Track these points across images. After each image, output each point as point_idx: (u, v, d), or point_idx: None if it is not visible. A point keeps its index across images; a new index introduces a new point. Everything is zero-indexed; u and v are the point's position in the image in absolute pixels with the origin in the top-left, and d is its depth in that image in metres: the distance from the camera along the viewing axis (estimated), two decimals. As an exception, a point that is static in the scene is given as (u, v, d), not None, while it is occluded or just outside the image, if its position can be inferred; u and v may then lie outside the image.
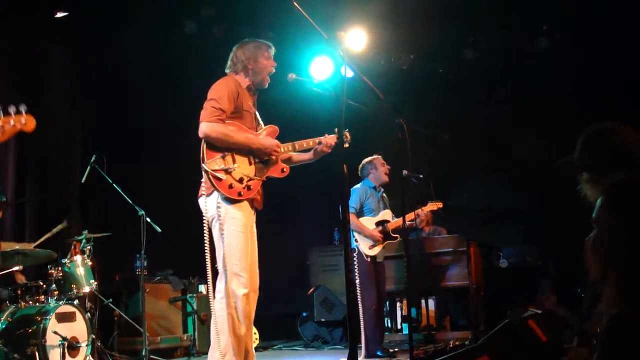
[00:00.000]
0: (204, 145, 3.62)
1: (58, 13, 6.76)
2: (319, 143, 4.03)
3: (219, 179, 3.60)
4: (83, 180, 5.85)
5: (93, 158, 5.78)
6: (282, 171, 3.94)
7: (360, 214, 5.91)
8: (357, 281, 5.66)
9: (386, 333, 7.43)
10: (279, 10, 6.93)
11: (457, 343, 5.82)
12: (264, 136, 3.91)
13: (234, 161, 3.68)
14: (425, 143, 5.28)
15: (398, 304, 7.67)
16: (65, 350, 4.73)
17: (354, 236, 5.83)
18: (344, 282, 3.09)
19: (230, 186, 3.63)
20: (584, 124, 2.67)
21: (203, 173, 3.63)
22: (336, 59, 3.31)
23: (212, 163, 3.61)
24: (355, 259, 5.75)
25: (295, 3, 3.13)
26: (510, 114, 8.00)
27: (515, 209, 8.16)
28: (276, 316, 8.42)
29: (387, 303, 7.66)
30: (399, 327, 7.67)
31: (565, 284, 6.98)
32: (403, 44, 8.13)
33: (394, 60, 8.21)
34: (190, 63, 7.48)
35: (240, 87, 3.89)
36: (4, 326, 4.69)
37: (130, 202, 5.74)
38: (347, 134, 3.85)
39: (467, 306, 6.82)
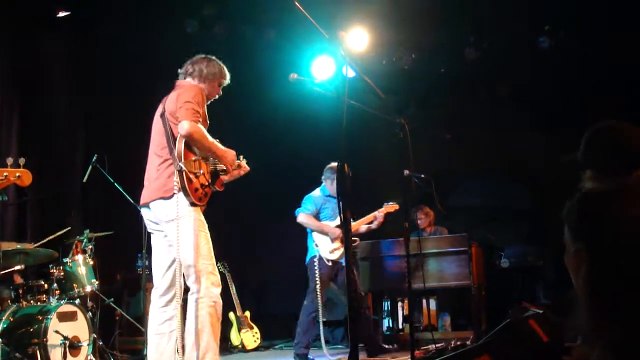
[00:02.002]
0: (181, 144, 3.63)
1: (60, 12, 6.77)
2: (238, 166, 4.07)
3: (191, 181, 3.62)
4: (84, 179, 5.85)
5: (94, 157, 5.79)
6: (222, 185, 3.94)
7: (316, 218, 5.95)
8: (318, 287, 5.68)
9: (387, 333, 7.42)
10: (280, 9, 6.94)
11: (458, 343, 5.81)
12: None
13: (200, 167, 3.71)
14: (427, 143, 5.28)
15: (399, 304, 7.66)
16: (67, 349, 4.74)
17: (313, 241, 5.86)
18: (345, 282, 3.09)
19: (196, 190, 3.66)
20: (586, 123, 2.66)
21: (176, 172, 3.61)
22: (338, 58, 3.30)
23: (187, 164, 3.63)
24: (316, 265, 5.76)
25: (296, 2, 3.13)
26: (512, 114, 7.99)
27: (517, 208, 8.14)
28: (277, 315, 8.43)
29: (389, 303, 7.66)
30: (400, 327, 7.66)
31: (565, 285, 6.96)
32: (404, 44, 8.11)
33: (395, 60, 8.19)
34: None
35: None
36: (5, 325, 4.70)
37: (132, 201, 5.74)
38: (243, 162, 4.11)
39: (468, 306, 6.81)
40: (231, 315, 7.14)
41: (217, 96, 4.05)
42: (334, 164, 5.98)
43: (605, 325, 2.24)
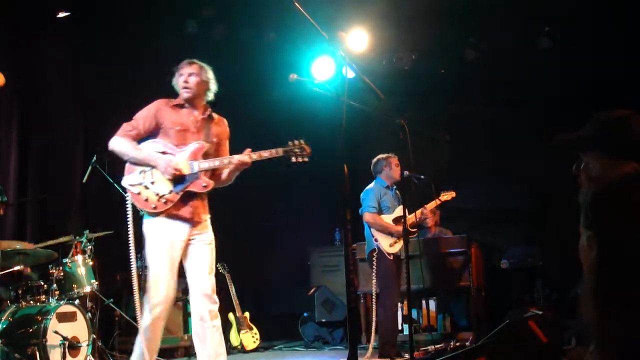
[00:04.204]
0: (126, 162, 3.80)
1: (60, 13, 6.77)
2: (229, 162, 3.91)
3: (136, 193, 3.75)
4: (84, 180, 5.85)
5: (94, 158, 5.79)
6: (204, 186, 3.86)
7: (379, 212, 5.87)
8: (375, 282, 5.61)
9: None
10: (280, 10, 6.94)
11: (457, 344, 5.81)
12: (173, 155, 3.82)
13: (152, 176, 3.77)
14: (426, 143, 5.28)
15: (398, 305, 7.66)
16: (66, 350, 4.73)
17: (372, 236, 5.77)
18: (344, 282, 3.09)
19: (146, 200, 3.75)
20: (584, 124, 2.66)
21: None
22: (337, 59, 3.31)
23: (130, 178, 3.77)
24: (374, 259, 5.69)
25: (296, 3, 3.13)
26: (512, 115, 7.99)
27: (517, 209, 8.14)
28: (277, 316, 8.43)
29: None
30: (399, 327, 7.66)
31: (565, 285, 6.97)
32: (404, 45, 8.12)
33: (395, 60, 8.20)
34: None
35: (165, 106, 3.90)
36: (4, 326, 4.70)
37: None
38: (302, 145, 4.04)
39: (468, 307, 6.81)
40: (230, 316, 7.14)
41: (181, 81, 3.91)
42: (382, 155, 5.99)
43: (608, 314, 2.24)
